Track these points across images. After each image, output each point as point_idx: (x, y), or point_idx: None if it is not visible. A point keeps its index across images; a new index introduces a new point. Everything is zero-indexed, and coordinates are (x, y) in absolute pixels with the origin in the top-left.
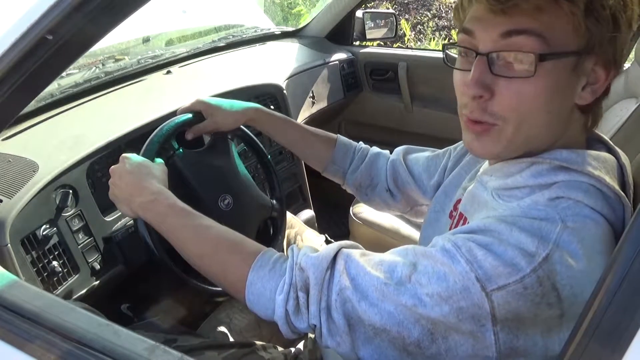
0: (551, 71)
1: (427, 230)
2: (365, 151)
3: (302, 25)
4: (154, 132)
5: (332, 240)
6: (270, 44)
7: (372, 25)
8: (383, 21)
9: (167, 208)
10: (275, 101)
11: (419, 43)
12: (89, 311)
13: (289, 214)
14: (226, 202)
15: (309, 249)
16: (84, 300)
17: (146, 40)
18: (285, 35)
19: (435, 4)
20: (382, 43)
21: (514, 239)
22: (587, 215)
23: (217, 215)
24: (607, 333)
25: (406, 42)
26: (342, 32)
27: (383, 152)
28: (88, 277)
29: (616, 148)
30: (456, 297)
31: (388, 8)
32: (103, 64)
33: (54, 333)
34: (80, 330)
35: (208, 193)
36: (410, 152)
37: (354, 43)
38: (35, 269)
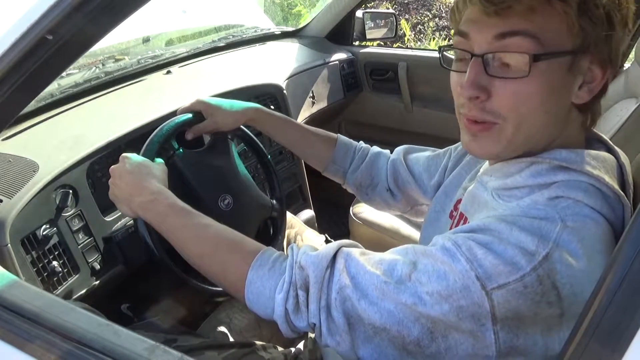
0: (546, 71)
1: (428, 230)
2: (365, 151)
3: (302, 25)
4: (154, 132)
5: (332, 240)
6: (270, 44)
7: (372, 25)
8: (383, 21)
9: (167, 208)
10: (275, 101)
11: (419, 43)
12: (89, 311)
13: (289, 214)
14: (226, 202)
15: (309, 248)
16: (84, 300)
17: (146, 40)
18: (285, 35)
19: (435, 4)
20: (382, 43)
21: (514, 238)
22: (587, 214)
23: (217, 215)
24: (607, 332)
25: (406, 42)
26: (342, 32)
27: (383, 152)
28: (88, 277)
29: (616, 148)
30: (456, 296)
31: (388, 8)
32: (103, 64)
33: (54, 333)
34: (80, 330)
35: (208, 193)
36: (410, 152)
37: (354, 43)
38: (35, 269)
